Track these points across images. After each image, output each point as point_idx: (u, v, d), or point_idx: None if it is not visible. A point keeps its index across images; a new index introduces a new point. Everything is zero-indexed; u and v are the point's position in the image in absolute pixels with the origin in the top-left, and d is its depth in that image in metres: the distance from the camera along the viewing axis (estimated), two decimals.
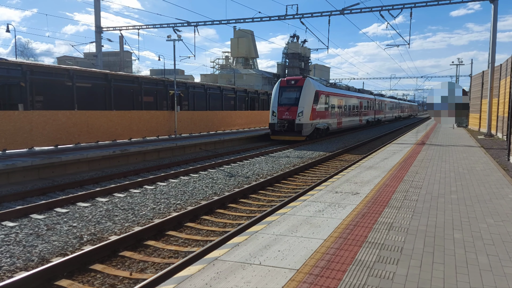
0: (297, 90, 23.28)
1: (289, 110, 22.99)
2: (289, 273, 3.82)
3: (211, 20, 27.63)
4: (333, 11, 24.32)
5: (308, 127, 23.04)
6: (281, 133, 23.09)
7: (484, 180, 8.85)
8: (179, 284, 3.61)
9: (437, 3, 22.42)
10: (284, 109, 23.18)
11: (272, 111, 23.59)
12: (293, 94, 23.30)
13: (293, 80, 23.91)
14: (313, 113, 23.36)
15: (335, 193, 7.38)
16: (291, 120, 22.84)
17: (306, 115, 22.80)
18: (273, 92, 24.42)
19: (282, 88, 23.89)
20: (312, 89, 23.43)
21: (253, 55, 73.60)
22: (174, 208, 8.73)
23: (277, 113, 23.26)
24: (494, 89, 23.35)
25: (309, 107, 22.97)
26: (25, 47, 69.36)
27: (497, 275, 3.84)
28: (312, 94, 23.31)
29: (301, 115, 22.63)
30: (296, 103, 22.94)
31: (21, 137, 13.66)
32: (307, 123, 22.86)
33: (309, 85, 23.37)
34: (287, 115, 22.96)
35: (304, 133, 22.73)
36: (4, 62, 15.94)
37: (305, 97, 22.98)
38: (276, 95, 23.84)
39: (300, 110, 22.70)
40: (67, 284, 5.12)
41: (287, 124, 22.81)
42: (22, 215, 7.80)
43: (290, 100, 23.27)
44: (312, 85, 23.56)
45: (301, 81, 23.54)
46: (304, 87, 23.18)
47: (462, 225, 5.46)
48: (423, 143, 17.69)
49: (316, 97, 23.61)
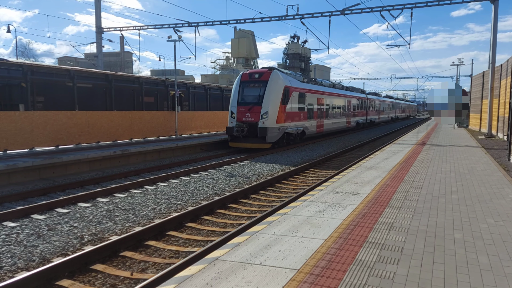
0: (261, 86, 18.88)
1: (250, 111, 18.67)
2: (289, 273, 3.83)
3: (212, 21, 27.66)
4: (334, 12, 24.33)
5: (275, 132, 18.67)
6: (240, 139, 18.80)
7: (484, 180, 8.85)
8: (180, 284, 3.62)
9: (438, 3, 22.42)
10: (244, 110, 18.84)
11: (231, 112, 19.30)
12: (256, 91, 18.97)
13: (257, 74, 19.44)
14: (281, 114, 19.08)
15: (335, 193, 7.38)
16: (253, 123, 18.52)
17: (272, 116, 18.50)
18: (233, 88, 20.06)
19: (243, 83, 19.50)
20: (280, 84, 19.10)
21: (254, 55, 73.67)
22: (174, 208, 8.74)
23: (237, 114, 18.96)
24: (495, 89, 23.35)
25: (275, 107, 18.67)
26: (26, 48, 69.55)
27: (498, 275, 3.85)
28: (280, 91, 19.02)
29: (265, 117, 18.27)
30: (260, 102, 18.60)
31: (22, 138, 13.68)
32: (273, 126, 18.47)
33: (277, 80, 19.04)
34: (249, 117, 18.66)
35: (270, 140, 18.35)
36: (5, 62, 15.96)
37: (270, 95, 18.63)
38: (236, 92, 19.52)
39: (264, 110, 18.37)
40: (68, 284, 5.13)
41: (247, 128, 18.49)
42: (23, 215, 7.82)
43: (253, 98, 18.97)
44: (280, 80, 19.28)
45: (266, 75, 19.07)
46: (269, 82, 18.76)
47: (463, 225, 5.47)
48: (423, 143, 17.69)
49: (285, 95, 19.42)
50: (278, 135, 19.05)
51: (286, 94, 19.52)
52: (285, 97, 19.42)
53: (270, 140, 18.42)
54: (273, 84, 18.85)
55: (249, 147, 18.69)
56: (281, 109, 19.03)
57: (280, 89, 19.09)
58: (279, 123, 18.99)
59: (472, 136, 23.04)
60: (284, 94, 19.30)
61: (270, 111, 18.41)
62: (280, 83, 19.21)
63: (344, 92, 31.54)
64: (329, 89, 27.58)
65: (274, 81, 18.92)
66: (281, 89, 19.10)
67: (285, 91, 19.39)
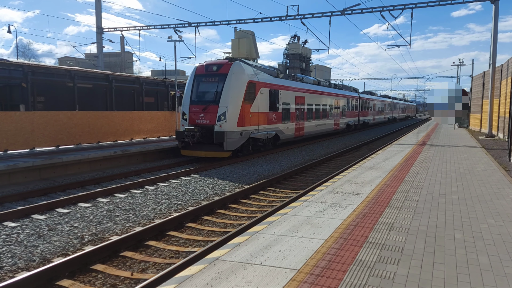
0: (218, 81, 15.50)
1: (205, 111, 15.23)
2: (290, 273, 3.83)
3: (212, 21, 27.61)
4: (334, 12, 24.32)
5: (235, 137, 15.17)
6: (192, 146, 15.22)
7: (485, 181, 8.85)
8: (180, 284, 3.62)
9: (438, 4, 22.41)
10: (198, 110, 15.41)
11: (182, 113, 15.85)
12: (213, 87, 15.61)
13: (214, 65, 15.89)
14: (244, 115, 15.63)
15: (336, 194, 7.38)
16: (208, 126, 15.07)
17: (232, 118, 15.07)
18: (187, 83, 16.66)
19: (198, 77, 16.08)
20: (242, 78, 15.64)
21: (254, 55, 73.60)
22: (175, 209, 8.74)
23: (189, 115, 15.54)
24: (495, 90, 23.33)
25: (236, 107, 15.25)
26: (27, 48, 69.61)
27: (498, 275, 3.84)
28: (243, 87, 15.57)
29: (223, 119, 14.83)
30: (216, 101, 15.19)
31: (23, 138, 13.69)
32: (232, 130, 15.05)
33: (238, 73, 15.58)
34: (203, 118, 15.25)
35: (229, 147, 14.93)
36: (6, 63, 15.99)
37: (230, 91, 15.20)
38: (189, 89, 16.13)
39: (222, 110, 14.93)
40: (69, 284, 5.13)
41: (198, 133, 14.91)
42: (23, 215, 7.82)
43: (208, 96, 15.61)
44: (243, 73, 15.77)
45: (226, 67, 15.63)
46: (229, 76, 15.36)
47: (463, 225, 5.47)
48: (424, 144, 17.68)
49: (251, 91, 16.01)
50: (240, 140, 15.58)
51: (252, 90, 16.11)
52: (250, 94, 16.01)
53: (229, 147, 14.97)
54: (233, 78, 15.37)
55: (204, 156, 15.22)
56: (244, 109, 15.60)
57: (243, 84, 15.61)
58: (242, 126, 15.52)
59: (472, 137, 23.03)
60: (249, 90, 15.87)
61: (229, 112, 14.98)
62: (243, 77, 15.71)
63: (331, 90, 28.35)
64: (312, 87, 24.30)
65: (235, 74, 15.45)
66: (244, 84, 15.63)
67: (250, 87, 15.95)
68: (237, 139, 15.40)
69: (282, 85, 19.39)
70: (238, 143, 15.49)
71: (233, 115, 15.15)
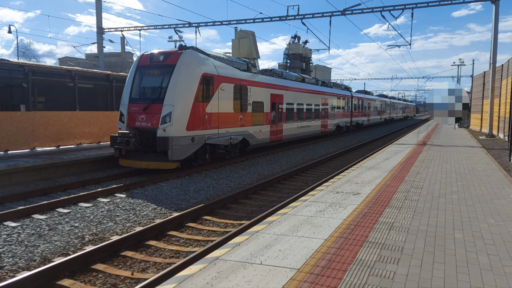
0: (164, 74, 12.43)
1: (147, 111, 12.13)
2: (290, 273, 3.83)
3: (213, 21, 27.63)
4: (334, 12, 24.33)
5: (183, 144, 12.05)
6: (132, 155, 12.30)
7: (485, 180, 8.85)
8: (181, 283, 3.63)
9: (439, 4, 22.41)
10: (138, 110, 12.30)
11: (120, 113, 12.76)
12: (157, 81, 12.51)
13: (161, 55, 12.88)
14: (197, 116, 12.56)
15: (336, 193, 7.39)
16: (149, 130, 12.00)
17: (180, 120, 11.96)
18: (128, 76, 13.67)
19: (141, 69, 13.07)
20: (195, 71, 12.62)
21: (255, 56, 73.64)
22: (175, 208, 8.75)
23: (127, 116, 12.42)
24: (496, 90, 23.33)
25: (185, 106, 12.17)
26: (27, 48, 69.72)
27: (498, 274, 3.85)
28: (195, 81, 12.51)
29: (169, 121, 11.74)
30: (161, 98, 12.11)
31: (23, 138, 13.70)
32: (180, 136, 11.92)
33: (189, 64, 12.54)
34: (144, 120, 12.14)
35: (176, 156, 11.81)
36: (6, 63, 16.01)
37: (177, 86, 12.10)
38: (129, 83, 13.11)
39: (167, 110, 11.83)
40: (69, 283, 5.14)
41: (134, 139, 11.82)
42: (24, 215, 7.83)
43: (151, 92, 12.62)
44: (196, 64, 12.79)
45: (174, 57, 12.57)
46: (178, 68, 12.30)
47: (463, 225, 5.47)
48: (424, 144, 17.68)
49: (206, 87, 12.96)
50: (191, 148, 12.39)
51: (208, 86, 13.05)
52: (206, 90, 12.96)
53: (176, 157, 11.82)
54: (183, 70, 12.30)
55: (145, 167, 12.11)
56: (197, 109, 12.52)
57: (195, 78, 12.54)
58: (193, 129, 12.40)
59: (472, 137, 23.03)
60: (204, 86, 12.84)
61: (176, 112, 11.85)
62: (196, 69, 12.67)
63: (318, 88, 25.52)
64: (294, 83, 21.49)
65: (185, 65, 12.38)
66: (196, 78, 12.56)
67: (206, 81, 12.93)
68: (187, 146, 12.18)
69: (252, 80, 16.35)
70: (189, 151, 12.31)
71: (181, 117, 11.99)
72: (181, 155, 12.05)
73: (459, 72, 60.43)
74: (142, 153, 12.24)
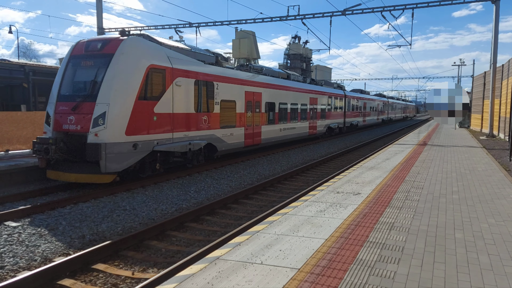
0: (100, 65, 10.23)
1: (76, 112, 9.98)
2: (290, 272, 3.84)
3: (213, 21, 27.62)
4: (335, 12, 24.32)
5: (122, 152, 9.83)
6: (58, 165, 10.19)
7: (485, 181, 8.85)
8: (181, 283, 3.63)
9: (439, 4, 22.40)
10: (67, 109, 10.14)
11: (47, 114, 10.67)
12: (91, 74, 10.28)
13: (99, 43, 10.60)
14: (140, 118, 10.30)
15: (336, 193, 7.39)
16: (78, 134, 9.93)
17: (117, 122, 9.76)
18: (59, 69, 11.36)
19: (74, 60, 10.80)
20: (138, 61, 10.39)
21: (255, 56, 73.68)
22: (176, 208, 8.75)
23: (53, 117, 10.31)
24: (496, 90, 23.33)
25: (124, 104, 9.96)
26: (28, 48, 69.79)
27: (498, 274, 3.85)
28: (139, 74, 10.31)
29: (102, 123, 9.62)
30: (93, 95, 9.94)
31: (24, 138, 13.72)
32: (117, 142, 9.73)
33: (131, 54, 10.32)
34: (72, 122, 9.96)
35: (111, 167, 9.65)
36: (7, 63, 16.03)
37: (115, 81, 9.92)
38: (59, 77, 10.87)
39: (100, 110, 9.70)
40: (70, 283, 5.15)
41: (56, 147, 9.74)
42: (25, 215, 7.84)
43: (83, 88, 10.37)
44: (140, 54, 10.56)
45: (113, 44, 10.34)
46: (116, 58, 10.11)
47: (464, 225, 5.47)
48: (425, 144, 17.68)
49: (154, 81, 10.72)
50: (133, 156, 10.11)
51: (158, 80, 10.81)
52: (155, 85, 10.69)
53: (112, 168, 9.61)
54: (123, 61, 10.06)
55: (74, 180, 9.89)
56: (140, 108, 10.22)
57: (139, 70, 10.27)
58: (136, 133, 10.13)
59: (473, 137, 23.02)
60: (151, 80, 10.58)
61: (112, 112, 9.63)
62: (140, 60, 10.38)
63: (305, 86, 23.11)
64: (275, 80, 19.10)
65: (125, 55, 10.12)
66: (140, 70, 10.29)
67: (153, 74, 10.64)
68: (126, 154, 9.88)
69: (221, 75, 14.01)
70: (129, 160, 9.99)
71: (118, 118, 9.71)
72: (118, 165, 9.73)
73: (459, 72, 60.45)
74: (72, 164, 10.05)
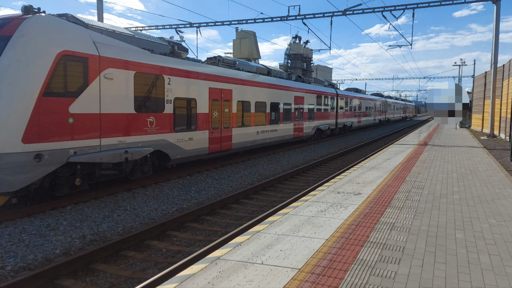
0: None
1: None
2: (291, 272, 3.84)
3: (214, 21, 27.64)
4: (335, 12, 24.32)
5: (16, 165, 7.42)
6: None
7: (486, 181, 8.84)
8: (182, 283, 3.63)
9: (440, 4, 22.39)
10: None
11: None
12: None
13: None
14: (44, 120, 7.83)
15: (337, 194, 7.38)
16: None
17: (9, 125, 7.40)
18: None
19: None
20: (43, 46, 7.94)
21: (256, 56, 73.73)
22: (176, 208, 8.76)
23: None
24: (497, 90, 23.31)
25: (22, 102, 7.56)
26: None
27: (499, 274, 3.85)
28: (46, 62, 7.94)
29: None
30: None
31: None
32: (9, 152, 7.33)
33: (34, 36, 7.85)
34: None
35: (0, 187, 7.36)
36: None
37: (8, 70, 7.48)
38: None
39: None
40: (70, 283, 5.15)
41: None
42: (25, 215, 7.84)
43: None
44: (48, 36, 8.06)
45: (13, 25, 7.84)
46: (12, 42, 7.64)
47: (464, 225, 5.47)
48: (425, 144, 17.67)
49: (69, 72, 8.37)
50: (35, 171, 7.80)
51: (74, 71, 8.49)
52: (69, 77, 8.39)
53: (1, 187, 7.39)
54: (21, 45, 7.72)
55: None
56: (46, 107, 7.92)
57: (46, 57, 7.99)
58: (41, 140, 7.83)
59: (474, 137, 23.00)
60: (61, 70, 8.24)
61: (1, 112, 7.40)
62: (47, 44, 8.04)
63: (288, 83, 20.49)
64: (250, 76, 16.45)
65: (27, 38, 7.79)
66: (47, 57, 8.01)
67: (67, 63, 8.34)
68: (24, 168, 7.59)
69: (175, 68, 11.59)
70: (29, 175, 7.68)
71: (11, 120, 7.44)
72: (12, 183, 7.43)
73: (460, 72, 60.40)
74: None
